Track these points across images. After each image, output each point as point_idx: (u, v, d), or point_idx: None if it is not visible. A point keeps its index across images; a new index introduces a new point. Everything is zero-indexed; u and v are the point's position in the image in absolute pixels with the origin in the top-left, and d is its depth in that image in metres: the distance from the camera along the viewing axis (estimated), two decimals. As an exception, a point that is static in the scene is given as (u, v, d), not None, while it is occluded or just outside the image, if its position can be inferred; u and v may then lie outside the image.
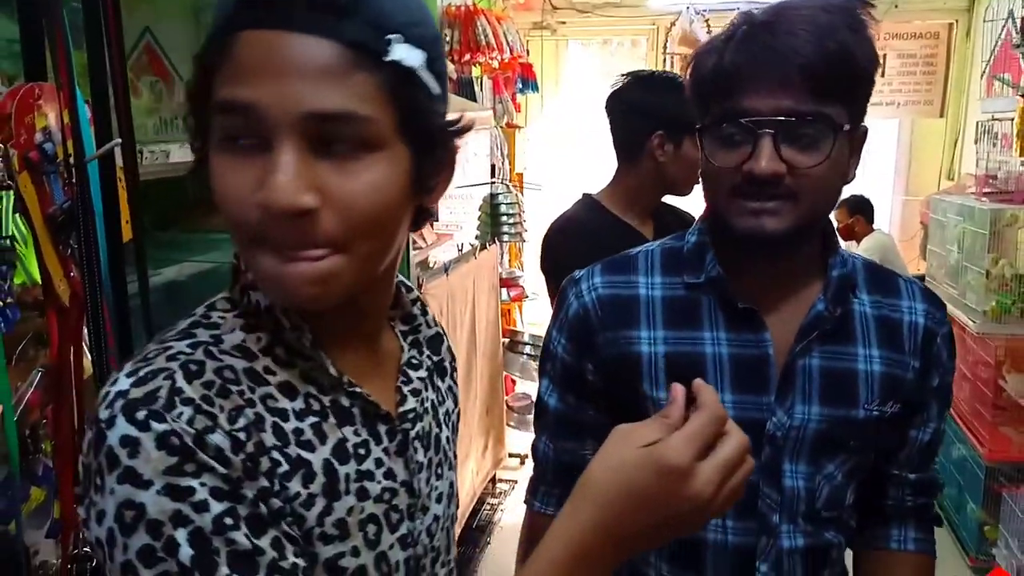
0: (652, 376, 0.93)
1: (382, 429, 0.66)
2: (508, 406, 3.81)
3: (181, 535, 0.51)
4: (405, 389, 0.70)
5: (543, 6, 5.22)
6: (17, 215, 0.90)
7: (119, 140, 1.03)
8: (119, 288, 1.09)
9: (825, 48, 0.80)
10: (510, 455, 3.80)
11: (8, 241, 0.88)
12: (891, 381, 0.94)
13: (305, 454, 0.59)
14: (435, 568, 0.73)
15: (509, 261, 4.35)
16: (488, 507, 3.50)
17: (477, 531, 3.30)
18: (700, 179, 0.93)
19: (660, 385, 0.93)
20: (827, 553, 0.97)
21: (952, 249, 3.50)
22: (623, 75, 1.77)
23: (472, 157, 3.67)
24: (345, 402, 0.63)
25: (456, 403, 0.82)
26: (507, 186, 3.82)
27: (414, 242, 2.65)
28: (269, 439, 0.57)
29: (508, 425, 3.75)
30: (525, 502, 1.09)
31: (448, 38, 3.56)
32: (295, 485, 0.58)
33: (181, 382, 0.54)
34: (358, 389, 0.64)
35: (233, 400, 0.56)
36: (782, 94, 0.81)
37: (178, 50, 1.77)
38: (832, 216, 3.85)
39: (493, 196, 3.66)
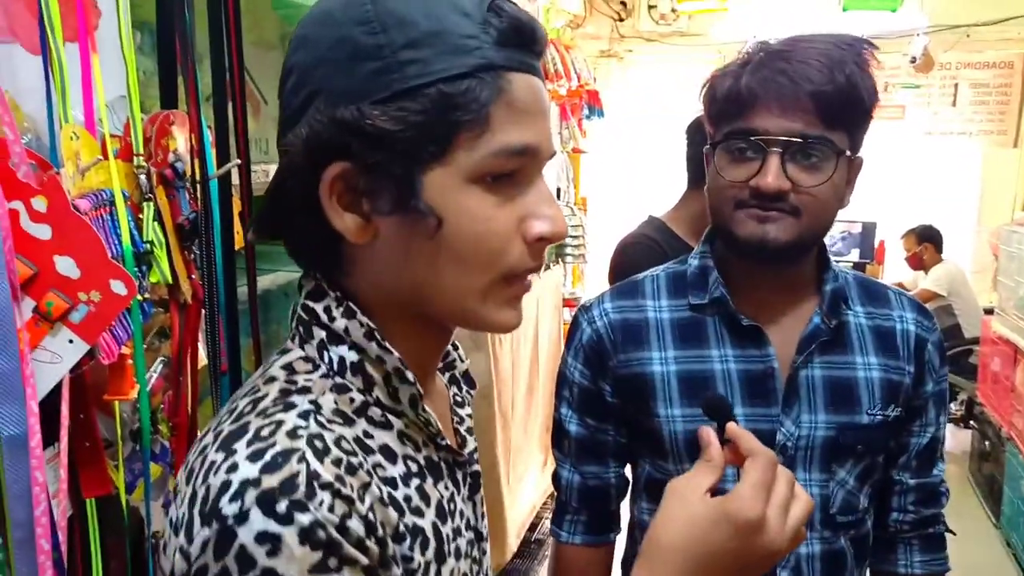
0: (665, 394, 0.98)
1: (459, 476, 0.65)
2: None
3: None
4: (462, 429, 0.69)
5: (611, 35, 5.35)
6: (155, 223, 1.04)
7: (238, 161, 1.18)
8: (230, 289, 1.24)
9: (835, 78, 0.86)
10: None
11: (148, 245, 1.02)
12: (890, 386, 0.98)
13: (419, 521, 0.57)
14: None
15: (572, 282, 4.44)
16: (546, 521, 3.58)
17: (535, 544, 3.38)
18: (707, 195, 0.98)
19: (673, 403, 0.97)
20: (844, 558, 1.00)
21: (1022, 281, 3.45)
22: None
23: (538, 181, 3.79)
24: (435, 456, 0.62)
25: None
26: (572, 209, 3.92)
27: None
28: (392, 515, 0.55)
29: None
30: (551, 533, 1.11)
31: (519, 67, 3.70)
32: (416, 555, 0.56)
33: (315, 464, 0.50)
34: (447, 441, 0.62)
35: (360, 477, 0.52)
36: (792, 116, 0.87)
37: (265, 75, 1.82)
38: (900, 244, 3.88)
39: (558, 219, 3.76)
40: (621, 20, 5.34)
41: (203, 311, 1.18)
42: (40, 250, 0.84)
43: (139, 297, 1.03)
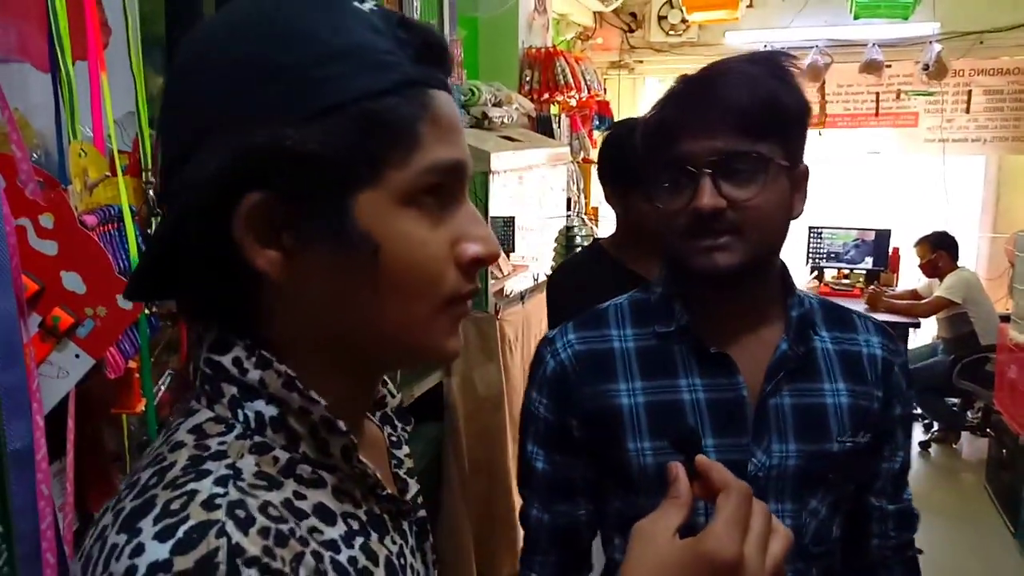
0: (635, 427, 0.95)
1: (405, 526, 0.60)
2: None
3: None
4: (402, 473, 0.65)
5: (621, 46, 5.36)
6: (162, 238, 1.06)
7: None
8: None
9: (751, 94, 0.87)
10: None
11: (155, 260, 1.03)
12: (859, 412, 0.96)
13: None
14: None
15: (583, 292, 4.43)
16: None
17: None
18: (655, 229, 0.96)
19: (643, 435, 0.95)
20: None
21: (1039, 288, 3.42)
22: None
23: (549, 191, 3.79)
24: (376, 509, 0.57)
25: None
26: (582, 219, 3.92)
27: (492, 273, 2.78)
28: None
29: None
30: (520, 575, 1.07)
31: (528, 78, 3.72)
32: None
33: (238, 536, 0.43)
34: (388, 491, 0.57)
35: (292, 547, 0.46)
36: (715, 136, 0.87)
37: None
38: (914, 251, 3.84)
39: (568, 229, 3.77)
40: (631, 31, 5.35)
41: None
42: (47, 266, 0.85)
43: (146, 311, 1.04)
